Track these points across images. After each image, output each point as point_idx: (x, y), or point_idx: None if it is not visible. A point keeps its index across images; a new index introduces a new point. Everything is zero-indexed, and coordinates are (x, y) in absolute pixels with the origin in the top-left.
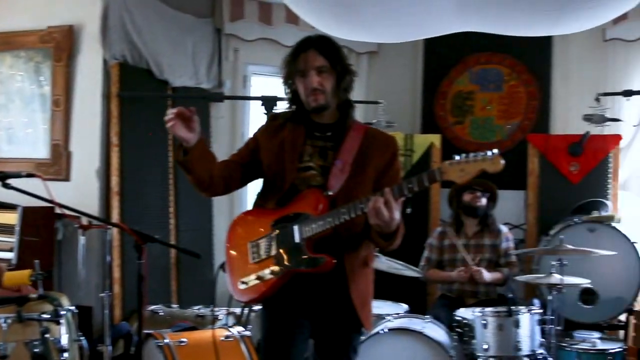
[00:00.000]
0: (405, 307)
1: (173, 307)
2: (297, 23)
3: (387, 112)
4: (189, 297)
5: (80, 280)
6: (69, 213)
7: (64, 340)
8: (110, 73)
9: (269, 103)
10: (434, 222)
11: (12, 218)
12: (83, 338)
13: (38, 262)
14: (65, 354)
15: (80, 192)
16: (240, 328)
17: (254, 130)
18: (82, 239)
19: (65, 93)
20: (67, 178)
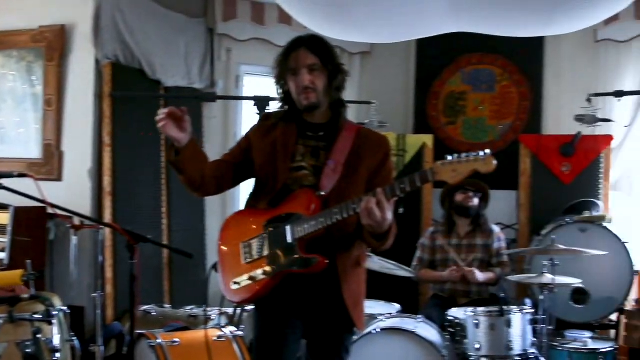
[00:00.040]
0: (398, 307)
1: (165, 307)
2: (289, 23)
3: (379, 112)
4: (182, 297)
5: (73, 281)
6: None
7: (56, 341)
8: (103, 73)
9: (262, 103)
10: (427, 222)
11: (4, 218)
12: (75, 338)
13: (30, 262)
14: (57, 355)
15: (73, 192)
16: (233, 328)
17: (247, 130)
18: (74, 239)
19: (58, 93)
20: (59, 178)
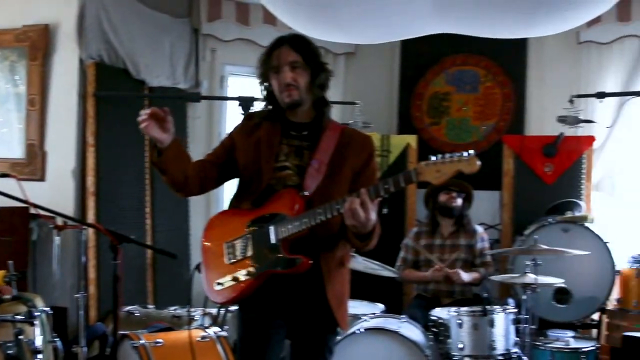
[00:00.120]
0: (382, 307)
1: (149, 307)
2: (274, 24)
3: (363, 112)
4: (165, 297)
5: (55, 281)
6: (44, 213)
7: (38, 342)
8: (87, 72)
9: (246, 103)
10: (410, 222)
11: None
12: (58, 339)
13: (12, 262)
14: (40, 356)
15: (56, 192)
16: (217, 328)
17: (230, 130)
18: (57, 240)
19: (41, 92)
20: (42, 178)
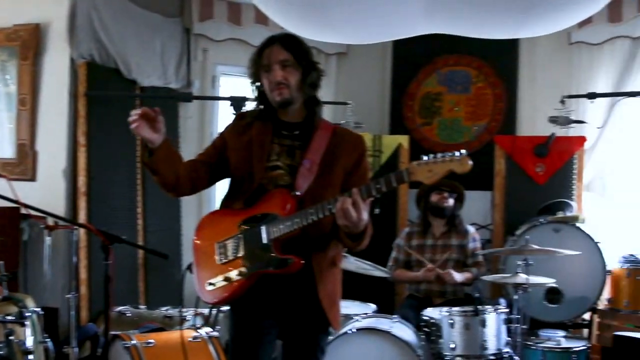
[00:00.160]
0: (373, 307)
1: (140, 308)
2: (266, 24)
3: (355, 112)
4: (157, 298)
5: (46, 282)
6: (35, 213)
7: (29, 342)
8: (78, 72)
9: (238, 103)
10: (402, 222)
11: None
12: (49, 340)
13: (3, 263)
14: (31, 357)
15: (47, 192)
16: (208, 329)
17: (221, 130)
18: (48, 240)
19: (32, 92)
20: (33, 178)
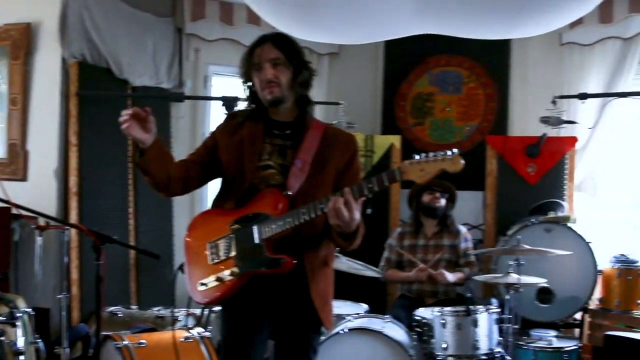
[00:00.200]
0: (365, 307)
1: (132, 308)
2: (258, 23)
3: (347, 113)
4: (149, 298)
5: (37, 282)
6: (26, 213)
7: (20, 343)
8: (69, 72)
9: (230, 103)
10: (394, 222)
11: None
12: (40, 340)
13: None
14: (22, 357)
15: (38, 192)
16: (200, 329)
17: (213, 129)
18: (39, 240)
19: (23, 92)
20: (24, 178)
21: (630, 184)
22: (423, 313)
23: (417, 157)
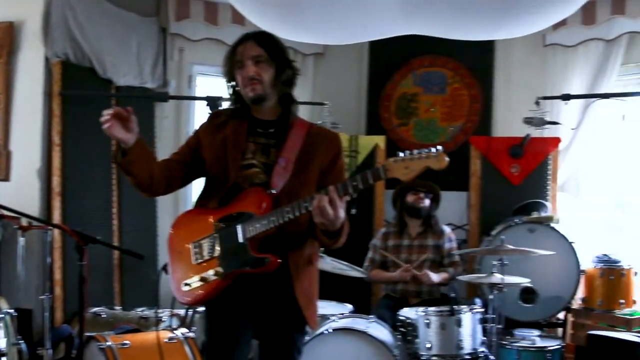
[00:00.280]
0: (350, 307)
1: (116, 309)
2: (243, 23)
3: (332, 113)
4: (132, 298)
5: (20, 283)
6: (8, 214)
7: (2, 344)
8: (52, 71)
9: (214, 103)
10: (379, 223)
11: None
12: (22, 342)
13: None
14: (4, 359)
15: (21, 192)
16: (184, 330)
17: (196, 128)
18: (21, 240)
19: (6, 91)
20: (6, 178)
21: (613, 185)
22: (407, 313)
23: (401, 154)
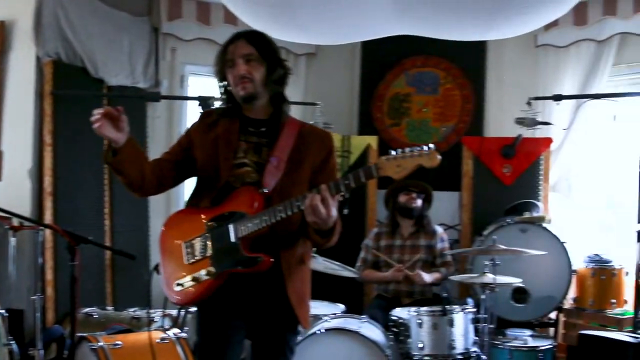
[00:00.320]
0: (342, 307)
1: (108, 309)
2: (235, 23)
3: (324, 113)
4: (124, 299)
5: (11, 283)
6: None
7: None
8: (44, 71)
9: (206, 103)
10: (371, 223)
11: None
12: (13, 342)
13: None
14: None
15: (12, 192)
16: (177, 330)
17: (187, 127)
18: (13, 241)
19: None
20: None
21: (604, 185)
22: (399, 313)
23: (393, 153)
